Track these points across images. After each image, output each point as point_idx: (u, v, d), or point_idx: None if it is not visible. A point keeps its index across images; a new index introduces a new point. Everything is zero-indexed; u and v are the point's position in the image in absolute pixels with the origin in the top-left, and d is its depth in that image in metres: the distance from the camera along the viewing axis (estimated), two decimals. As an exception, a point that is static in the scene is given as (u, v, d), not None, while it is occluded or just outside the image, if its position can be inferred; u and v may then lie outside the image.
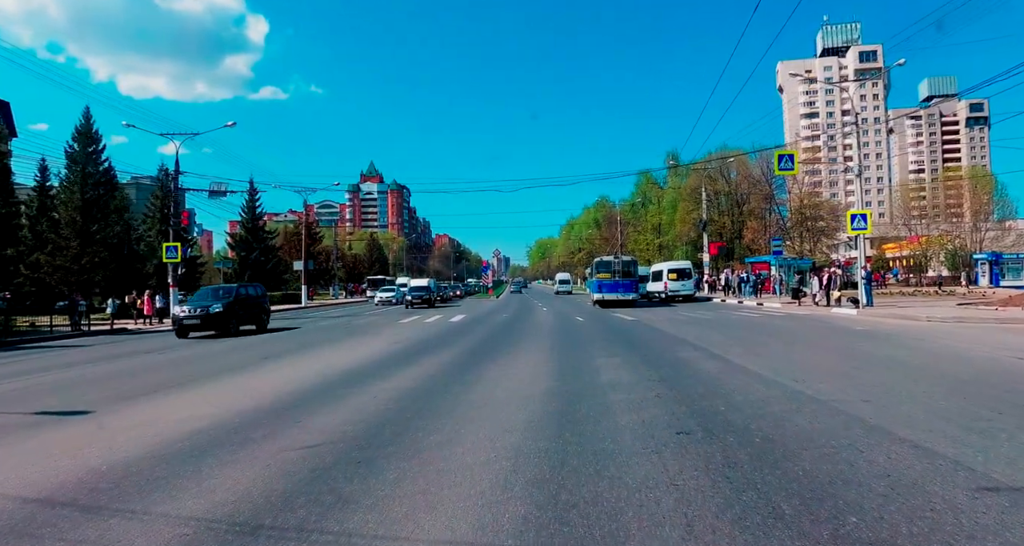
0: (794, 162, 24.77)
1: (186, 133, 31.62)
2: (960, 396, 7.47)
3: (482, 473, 4.81)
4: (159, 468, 5.23)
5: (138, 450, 5.87)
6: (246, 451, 5.66)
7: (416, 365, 11.45)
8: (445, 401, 7.89)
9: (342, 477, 4.80)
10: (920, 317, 19.39)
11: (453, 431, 6.22)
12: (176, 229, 32.65)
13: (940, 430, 5.83)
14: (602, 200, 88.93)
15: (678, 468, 4.81)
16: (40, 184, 43.41)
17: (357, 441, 5.90)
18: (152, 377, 11.08)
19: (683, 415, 6.69)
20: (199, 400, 8.49)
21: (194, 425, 6.82)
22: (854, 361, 10.70)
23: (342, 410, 7.47)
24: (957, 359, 10.88)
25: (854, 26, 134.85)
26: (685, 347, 13.37)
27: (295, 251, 59.93)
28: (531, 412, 7.05)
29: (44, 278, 37.83)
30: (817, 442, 5.49)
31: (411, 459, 5.24)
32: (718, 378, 9.19)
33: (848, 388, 8.14)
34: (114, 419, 7.39)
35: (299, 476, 4.87)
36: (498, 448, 5.50)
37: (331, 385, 9.48)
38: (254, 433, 6.33)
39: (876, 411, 6.68)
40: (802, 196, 57.48)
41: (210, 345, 17.81)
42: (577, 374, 9.92)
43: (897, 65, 28.06)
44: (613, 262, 34.07)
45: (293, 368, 11.73)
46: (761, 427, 6.06)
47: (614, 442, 5.63)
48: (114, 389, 9.78)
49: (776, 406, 7.08)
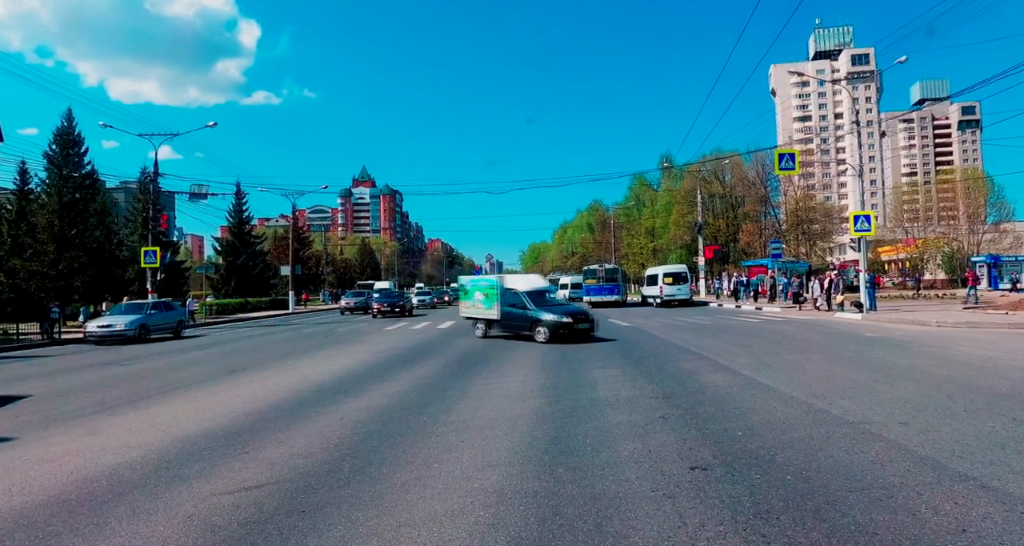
0: (795, 161, 23.96)
1: (165, 134, 30.51)
2: (1005, 415, 6.56)
3: (452, 529, 3.84)
4: (57, 519, 4.23)
5: (45, 491, 4.88)
6: (171, 494, 4.66)
7: (395, 379, 10.45)
8: (421, 423, 6.91)
9: (276, 535, 3.82)
10: (929, 322, 18.55)
11: (424, 465, 5.24)
12: (155, 233, 31.51)
13: (1003, 462, 4.91)
14: (595, 204, 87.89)
15: (698, 520, 3.85)
16: (20, 188, 42.15)
17: (308, 480, 4.91)
18: (102, 394, 10.01)
19: (695, 442, 5.74)
20: (142, 423, 7.46)
21: (123, 457, 5.81)
22: (874, 372, 9.78)
23: (301, 435, 6.48)
24: (984, 370, 9.98)
25: (846, 29, 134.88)
26: (687, 356, 12.43)
27: (284, 256, 58.76)
28: (518, 439, 6.08)
29: (21, 284, 36.61)
30: (862, 481, 4.54)
31: (367, 507, 4.26)
32: (728, 394, 8.25)
33: (876, 405, 7.23)
34: (37, 448, 6.36)
35: (224, 533, 3.88)
36: (475, 491, 4.53)
37: (300, 402, 8.49)
38: (188, 469, 5.33)
39: (919, 436, 5.75)
40: (797, 199, 56.83)
41: (177, 356, 16.76)
42: (571, 389, 8.95)
43: (898, 63, 27.26)
44: (598, 270, 41.13)
45: (261, 383, 10.70)
46: (790, 460, 5.11)
47: (616, 481, 4.67)
48: (54, 409, 8.74)
49: (801, 430, 6.13)
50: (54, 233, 37.52)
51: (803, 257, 51.21)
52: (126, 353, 17.88)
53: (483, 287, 17.98)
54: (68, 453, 6.09)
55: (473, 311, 18.36)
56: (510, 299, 16.93)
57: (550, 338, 15.46)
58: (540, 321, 15.88)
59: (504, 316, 17.02)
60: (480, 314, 18.01)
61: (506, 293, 17.10)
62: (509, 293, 17.09)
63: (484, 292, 17.78)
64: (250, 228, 60.28)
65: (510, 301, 16.91)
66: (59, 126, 42.06)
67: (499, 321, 17.27)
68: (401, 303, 34.53)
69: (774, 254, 34.54)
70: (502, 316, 17.05)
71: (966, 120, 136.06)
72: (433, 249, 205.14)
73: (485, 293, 17.74)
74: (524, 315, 16.35)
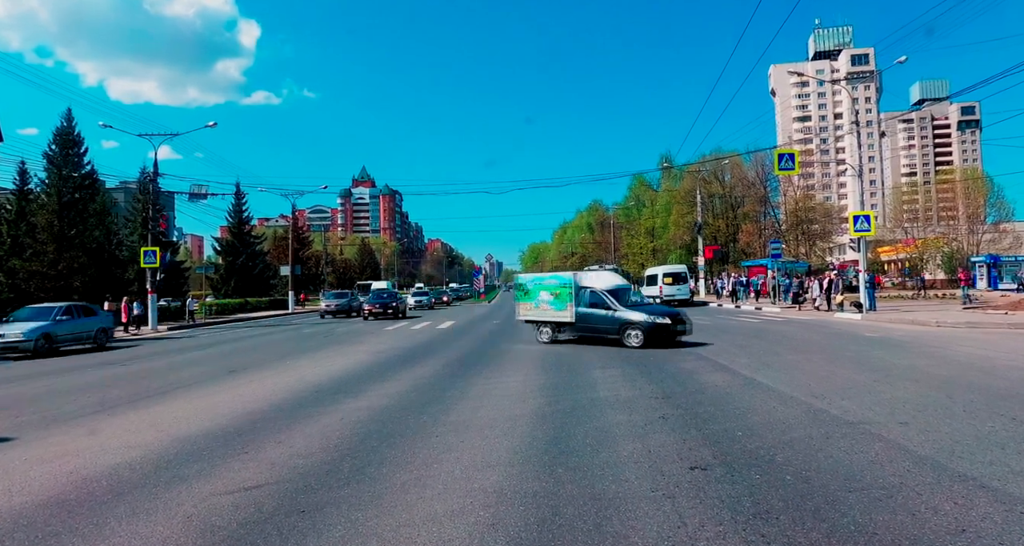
0: (794, 161, 23.96)
1: (165, 134, 30.50)
2: (1004, 415, 6.57)
3: (452, 529, 3.84)
4: (56, 519, 4.23)
5: (44, 491, 4.87)
6: (170, 494, 4.66)
7: (395, 379, 10.45)
8: (421, 424, 6.91)
9: (276, 535, 3.81)
10: (929, 322, 18.55)
11: (424, 465, 5.24)
12: (155, 233, 31.50)
13: (1002, 462, 4.91)
14: (595, 204, 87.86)
15: (698, 520, 3.85)
16: (19, 188, 42.13)
17: (308, 480, 4.91)
18: (102, 394, 10.01)
19: (695, 442, 5.74)
20: (142, 423, 7.46)
21: (122, 457, 5.81)
22: (874, 373, 9.78)
23: (301, 435, 6.47)
24: (983, 370, 9.98)
25: (846, 30, 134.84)
26: (686, 356, 12.43)
27: (284, 256, 58.73)
28: (518, 439, 6.08)
29: (20, 284, 36.59)
30: (862, 480, 4.54)
31: (367, 507, 4.26)
32: (728, 394, 8.25)
33: (876, 405, 7.23)
34: (36, 449, 6.36)
35: (223, 533, 3.88)
36: (475, 491, 4.53)
37: (300, 402, 8.49)
38: (187, 469, 5.33)
39: (919, 436, 5.75)
40: (797, 199, 56.85)
41: (177, 356, 16.76)
42: (570, 389, 8.95)
43: (897, 63, 27.25)
44: (598, 270, 40.23)
45: (261, 383, 10.70)
46: (790, 459, 5.11)
47: (616, 481, 4.66)
48: (54, 409, 8.74)
49: (801, 430, 6.13)
50: (54, 233, 37.51)
51: (803, 257, 51.24)
52: (127, 353, 17.86)
53: (551, 286, 15.97)
54: (68, 453, 6.09)
55: (537, 314, 16.27)
56: (589, 299, 15.15)
57: (645, 342, 13.89)
58: (633, 323, 14.19)
59: (581, 318, 15.22)
60: (547, 317, 16.01)
61: (582, 292, 15.32)
62: (586, 292, 15.28)
63: (553, 292, 15.80)
64: (250, 228, 60.26)
65: (589, 301, 15.14)
66: (59, 126, 42.03)
67: (574, 324, 15.43)
68: (394, 304, 32.18)
69: (774, 254, 34.51)
70: (578, 318, 15.26)
71: (966, 120, 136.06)
72: (433, 249, 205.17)
73: (555, 293, 15.75)
74: (610, 317, 14.59)
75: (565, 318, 15.59)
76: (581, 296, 15.32)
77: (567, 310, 15.47)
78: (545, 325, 16.21)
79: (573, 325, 15.49)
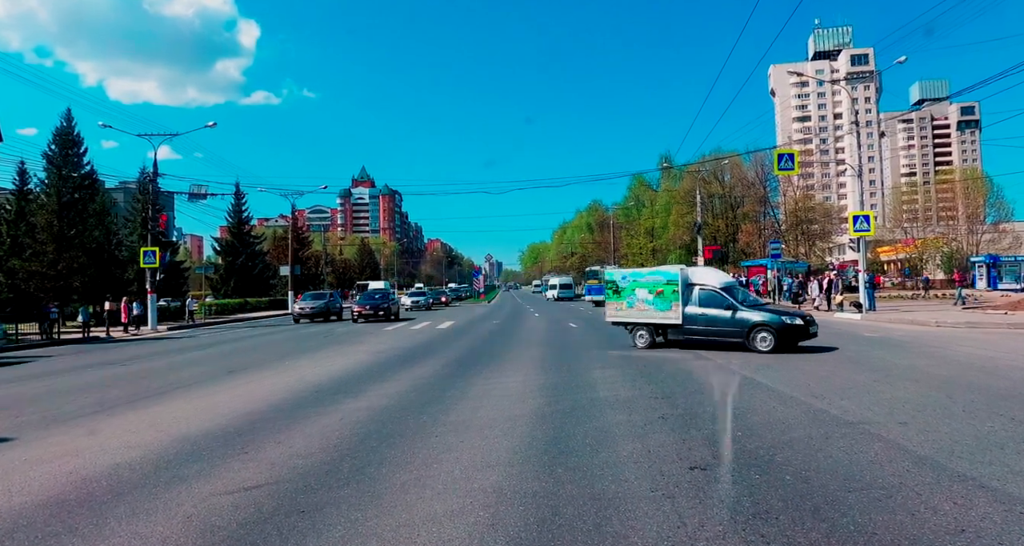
0: (794, 161, 23.97)
1: (164, 134, 30.51)
2: (1004, 415, 6.57)
3: (452, 529, 3.84)
4: (57, 519, 4.23)
5: (44, 492, 4.87)
6: (170, 494, 4.66)
7: (394, 379, 10.45)
8: (420, 424, 6.91)
9: (275, 535, 3.81)
10: (929, 322, 18.56)
11: (424, 465, 5.24)
12: (154, 233, 31.50)
13: (1002, 462, 4.91)
14: (595, 204, 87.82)
15: (697, 520, 3.85)
16: (19, 188, 42.12)
17: (307, 480, 4.91)
18: (102, 394, 10.00)
19: (694, 442, 5.74)
20: (142, 423, 7.46)
21: (122, 457, 5.81)
22: (873, 373, 9.79)
23: (301, 436, 6.47)
24: (984, 370, 9.99)
25: (846, 30, 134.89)
26: (686, 356, 12.43)
27: (283, 256, 58.70)
28: (517, 439, 6.08)
29: (20, 284, 36.56)
30: (861, 480, 4.54)
31: (367, 507, 4.26)
32: (727, 394, 8.25)
33: (875, 405, 7.23)
34: (36, 449, 6.35)
35: (223, 533, 3.88)
36: (475, 491, 4.53)
37: (299, 402, 8.49)
38: (187, 469, 5.33)
39: (918, 436, 5.75)
40: (797, 199, 56.87)
41: (176, 356, 16.76)
42: (570, 390, 8.95)
43: (897, 63, 27.27)
44: (599, 271, 43.39)
45: (260, 383, 10.70)
46: (789, 460, 5.11)
47: (616, 481, 4.67)
48: (53, 409, 8.73)
49: (800, 430, 6.14)
50: (53, 233, 37.47)
51: (802, 257, 51.24)
52: (129, 352, 17.88)
53: (651, 283, 14.02)
54: (67, 453, 6.09)
55: (632, 315, 14.35)
56: (701, 298, 13.44)
57: (776, 346, 12.39)
58: (763, 325, 12.64)
59: (692, 320, 13.42)
60: (646, 318, 14.09)
61: (691, 290, 13.61)
62: (696, 290, 13.57)
63: (655, 289, 13.88)
64: (249, 228, 60.26)
65: (701, 300, 13.42)
66: (58, 126, 42.00)
67: (681, 326, 13.57)
68: (386, 306, 30.26)
69: (773, 254, 34.53)
70: (687, 320, 13.44)
71: (965, 120, 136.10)
72: (432, 249, 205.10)
73: (657, 290, 13.84)
74: (732, 318, 12.96)
75: (670, 319, 13.72)
76: (689, 294, 13.61)
77: (673, 310, 13.62)
78: (642, 328, 14.29)
79: (680, 327, 13.65)
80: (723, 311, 13.15)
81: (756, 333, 12.69)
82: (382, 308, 29.82)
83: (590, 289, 45.72)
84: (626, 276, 15.00)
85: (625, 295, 14.53)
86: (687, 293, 13.63)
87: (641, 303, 14.18)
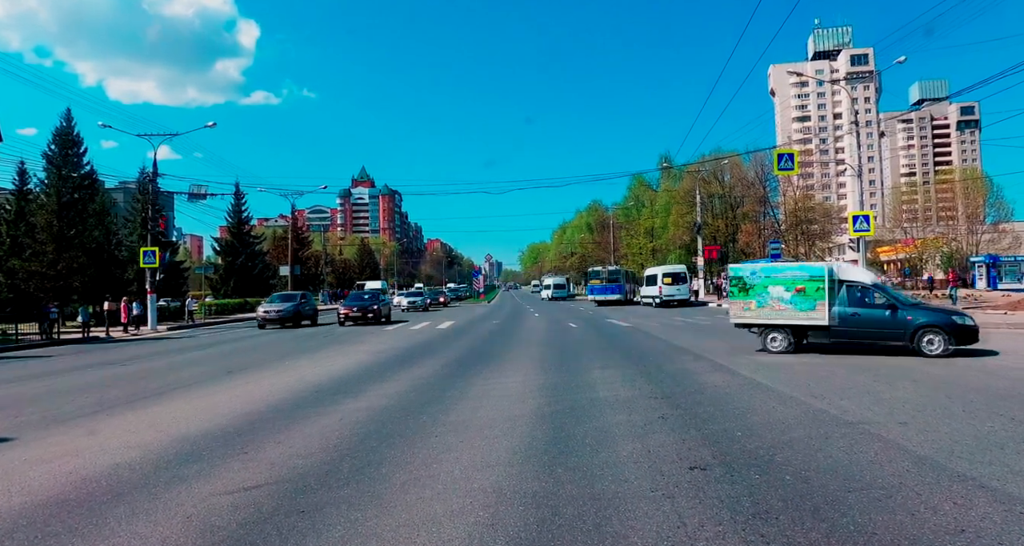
0: (794, 161, 23.95)
1: (164, 134, 30.51)
2: (1004, 415, 6.58)
3: (452, 529, 3.83)
4: (56, 519, 4.22)
5: (44, 491, 4.87)
6: (170, 494, 4.66)
7: (394, 380, 10.45)
8: (420, 424, 6.91)
9: (275, 535, 3.81)
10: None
11: (424, 465, 5.24)
12: (154, 233, 31.49)
13: (1001, 462, 4.92)
14: (594, 204, 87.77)
15: (697, 520, 3.85)
16: (19, 188, 42.12)
17: (307, 481, 4.91)
18: (101, 394, 9.99)
19: (694, 442, 5.74)
20: (141, 423, 7.46)
21: (122, 457, 5.81)
22: (873, 373, 9.79)
23: (300, 436, 6.47)
24: (983, 370, 10.01)
25: (845, 30, 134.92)
26: (686, 357, 12.45)
27: (283, 256, 58.73)
28: (517, 439, 6.08)
29: (20, 284, 36.55)
30: (861, 480, 4.55)
31: (367, 507, 4.26)
32: (727, 394, 8.26)
33: (875, 406, 7.24)
34: (36, 449, 6.35)
35: (223, 533, 3.88)
36: (475, 491, 4.53)
37: (299, 402, 8.48)
38: (187, 469, 5.33)
39: (918, 436, 5.76)
40: (796, 199, 56.88)
41: (176, 356, 16.76)
42: (570, 390, 8.95)
43: (897, 63, 27.28)
44: (601, 271, 46.75)
45: (260, 384, 10.69)
46: (789, 460, 5.11)
47: (616, 481, 4.67)
48: (53, 409, 8.73)
49: (800, 430, 6.14)
50: (53, 233, 37.47)
51: (802, 257, 51.25)
52: (129, 352, 17.87)
53: (791, 279, 12.52)
54: (67, 453, 6.08)
55: (765, 315, 12.79)
56: (853, 296, 12.17)
57: (947, 349, 11.34)
58: (932, 326, 11.51)
59: (845, 320, 12.08)
60: (783, 319, 12.59)
61: (837, 288, 12.31)
62: (845, 288, 12.28)
63: (795, 286, 12.41)
64: (249, 228, 60.25)
65: (854, 299, 12.14)
66: (58, 126, 42.00)
67: (829, 328, 12.20)
68: (375, 307, 27.68)
69: (773, 254, 34.54)
70: (841, 320, 12.09)
71: (965, 120, 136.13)
72: (432, 249, 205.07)
73: (798, 287, 12.37)
74: (893, 318, 11.76)
75: (816, 320, 12.28)
76: (837, 292, 12.34)
77: (818, 310, 12.19)
78: (778, 330, 12.76)
79: (827, 329, 12.26)
80: (881, 310, 11.94)
81: (923, 335, 11.57)
82: (370, 310, 27.42)
83: (592, 289, 46.85)
84: (755, 272, 13.27)
85: (755, 293, 12.91)
86: (835, 291, 12.33)
87: (776, 302, 12.65)
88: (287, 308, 27.77)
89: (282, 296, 30.99)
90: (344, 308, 27.73)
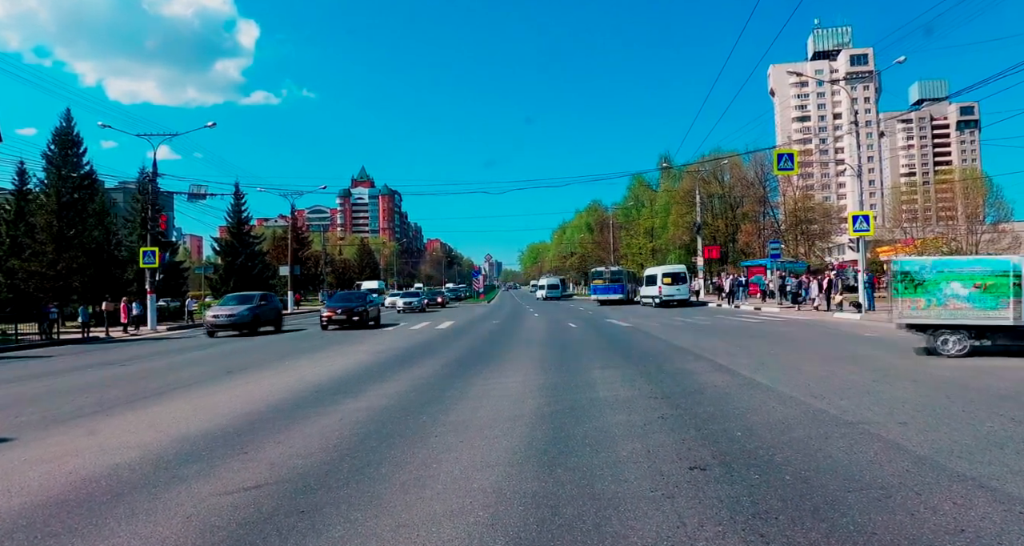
0: (794, 161, 23.98)
1: (164, 134, 30.50)
2: (1004, 416, 6.58)
3: (451, 529, 3.84)
4: (56, 519, 4.22)
5: (43, 492, 4.87)
6: (170, 495, 4.66)
7: (394, 380, 10.45)
8: (420, 424, 6.91)
9: (275, 535, 3.81)
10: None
11: (423, 465, 5.24)
12: (154, 233, 31.49)
13: (1001, 462, 4.92)
14: (594, 204, 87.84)
15: (697, 520, 3.85)
16: (18, 188, 42.11)
17: (307, 481, 4.91)
18: (101, 394, 9.99)
19: (694, 443, 5.74)
20: (141, 423, 7.46)
21: (121, 457, 5.81)
22: (873, 373, 9.79)
23: (300, 436, 6.47)
24: (983, 370, 10.00)
25: (845, 30, 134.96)
26: (686, 357, 12.44)
27: (283, 256, 58.72)
28: (517, 439, 6.08)
29: (19, 284, 36.55)
30: (861, 480, 4.55)
31: (366, 508, 4.26)
32: (727, 394, 8.26)
33: (875, 406, 7.23)
34: (35, 449, 6.35)
35: (223, 533, 3.88)
36: (475, 491, 4.53)
37: (299, 402, 8.48)
38: (187, 469, 5.33)
39: (918, 436, 5.76)
40: (796, 199, 56.88)
41: (176, 356, 16.76)
42: (570, 390, 8.95)
43: (896, 63, 27.30)
44: (604, 272, 48.31)
45: (259, 384, 10.69)
46: (789, 459, 5.11)
47: (616, 481, 4.67)
48: (53, 409, 8.73)
49: (800, 430, 6.14)
50: (53, 233, 37.48)
51: (802, 257, 51.28)
52: (128, 352, 17.88)
53: (971, 274, 11.27)
54: (67, 453, 6.08)
55: (940, 314, 11.45)
56: None
57: None
58: None
59: None
60: (965, 319, 11.28)
61: None
62: None
63: (975, 282, 11.15)
64: (249, 228, 60.20)
65: None
66: (58, 126, 42.02)
67: (1019, 329, 10.89)
68: (361, 309, 25.08)
69: (773, 254, 34.57)
70: None
71: (965, 120, 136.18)
72: (432, 249, 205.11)
73: (981, 284, 11.11)
74: None
75: (1002, 320, 11.00)
76: None
77: (1009, 309, 10.89)
78: (956, 331, 11.48)
79: (1018, 330, 10.97)
80: None
81: None
82: (356, 313, 24.69)
83: (595, 288, 48.21)
84: (926, 266, 11.90)
85: (928, 290, 11.54)
86: (1022, 287, 10.91)
87: (956, 300, 11.33)
88: (241, 312, 23.31)
89: (238, 297, 25.88)
90: (327, 310, 25.18)
